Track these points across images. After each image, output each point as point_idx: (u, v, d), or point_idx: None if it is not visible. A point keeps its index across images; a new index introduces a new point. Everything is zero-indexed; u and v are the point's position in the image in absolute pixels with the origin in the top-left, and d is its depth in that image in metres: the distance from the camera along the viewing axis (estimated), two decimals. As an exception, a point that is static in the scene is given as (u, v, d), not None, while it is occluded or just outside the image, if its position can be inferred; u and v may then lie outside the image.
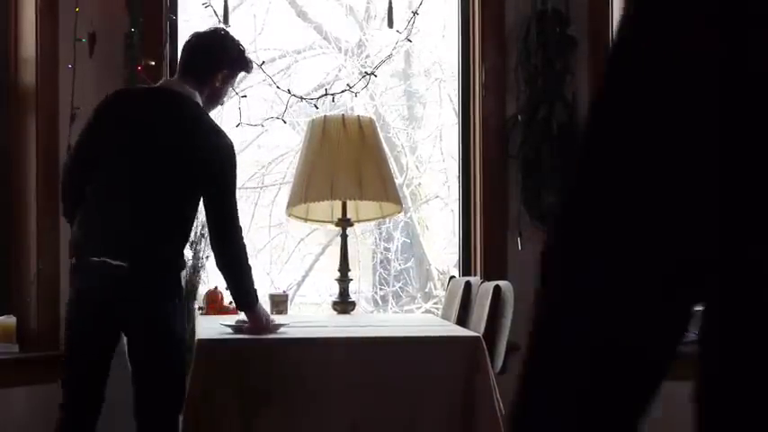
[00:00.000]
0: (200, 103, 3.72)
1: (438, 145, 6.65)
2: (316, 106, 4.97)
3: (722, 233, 0.84)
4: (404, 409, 3.39)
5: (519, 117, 4.82)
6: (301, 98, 4.99)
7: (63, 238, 4.56)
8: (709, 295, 0.89)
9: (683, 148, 0.83)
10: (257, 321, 3.62)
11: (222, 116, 6.25)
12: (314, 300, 6.38)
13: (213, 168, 3.62)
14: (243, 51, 3.87)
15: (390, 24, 4.82)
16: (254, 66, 4.04)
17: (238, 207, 3.70)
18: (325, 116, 4.76)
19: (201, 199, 3.66)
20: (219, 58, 3.78)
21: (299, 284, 6.65)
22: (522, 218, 4.78)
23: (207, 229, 3.77)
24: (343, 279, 4.73)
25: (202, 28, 4.08)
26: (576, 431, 0.90)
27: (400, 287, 6.64)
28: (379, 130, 4.88)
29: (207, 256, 4.71)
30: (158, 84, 3.97)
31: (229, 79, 3.83)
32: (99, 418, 3.59)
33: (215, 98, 3.82)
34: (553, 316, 0.91)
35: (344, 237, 4.76)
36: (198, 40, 3.83)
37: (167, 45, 4.76)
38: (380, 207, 4.89)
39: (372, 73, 4.99)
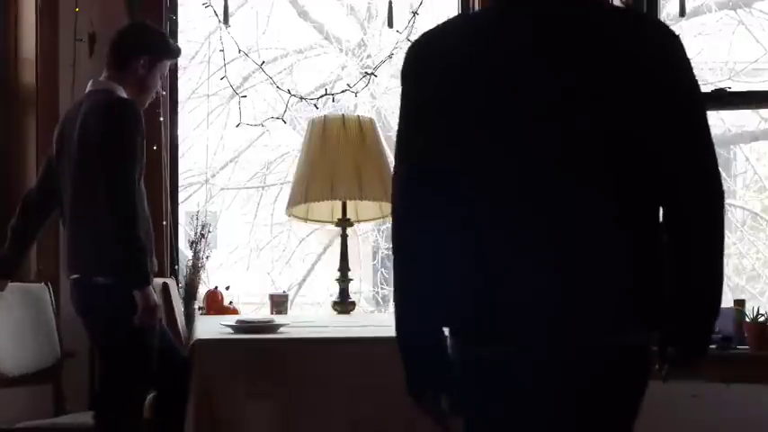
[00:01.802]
0: (115, 91, 3.66)
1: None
2: (316, 106, 4.97)
3: None
4: (404, 409, 3.38)
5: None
6: (302, 98, 4.99)
7: (62, 239, 4.57)
8: None
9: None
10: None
11: (227, 116, 6.26)
12: (314, 300, 6.39)
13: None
14: (164, 37, 3.87)
15: (390, 24, 4.82)
16: (180, 50, 3.97)
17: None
18: (325, 116, 4.76)
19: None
20: (135, 44, 3.75)
21: (299, 285, 6.66)
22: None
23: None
24: (344, 279, 4.72)
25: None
26: None
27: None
28: (379, 130, 4.88)
29: (207, 257, 4.72)
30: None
31: (155, 65, 3.77)
32: None
33: (143, 86, 3.76)
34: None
35: (344, 237, 4.76)
36: (117, 33, 3.84)
37: (167, 45, 4.75)
38: (380, 207, 4.88)
39: (373, 73, 4.98)
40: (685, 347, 2.06)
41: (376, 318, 5.17)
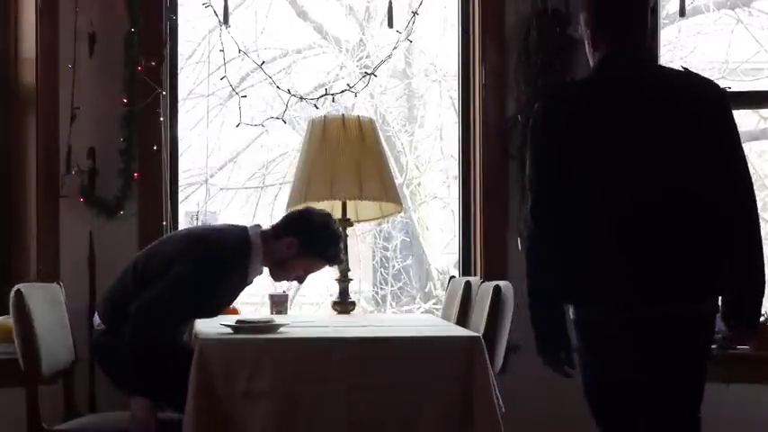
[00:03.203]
0: (252, 248, 3.74)
1: (438, 145, 6.65)
2: (316, 106, 4.97)
3: None
4: (403, 409, 3.39)
5: (519, 117, 4.81)
6: (301, 98, 4.98)
7: (63, 238, 4.57)
8: None
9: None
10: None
11: (224, 115, 6.26)
12: (314, 300, 6.38)
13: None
14: (330, 241, 3.83)
15: (390, 24, 4.82)
16: (340, 259, 4.00)
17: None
18: (325, 116, 4.76)
19: None
20: (296, 225, 3.81)
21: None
22: (522, 218, 4.77)
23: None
24: (344, 279, 4.73)
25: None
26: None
27: (400, 287, 6.65)
28: (379, 130, 4.88)
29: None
30: None
31: (303, 255, 3.80)
32: None
33: (280, 265, 3.83)
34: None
35: (344, 237, 4.76)
36: (308, 213, 3.93)
37: (167, 45, 4.75)
38: (380, 207, 4.89)
39: (372, 73, 4.98)
40: (742, 320, 2.98)
41: (376, 318, 5.17)
